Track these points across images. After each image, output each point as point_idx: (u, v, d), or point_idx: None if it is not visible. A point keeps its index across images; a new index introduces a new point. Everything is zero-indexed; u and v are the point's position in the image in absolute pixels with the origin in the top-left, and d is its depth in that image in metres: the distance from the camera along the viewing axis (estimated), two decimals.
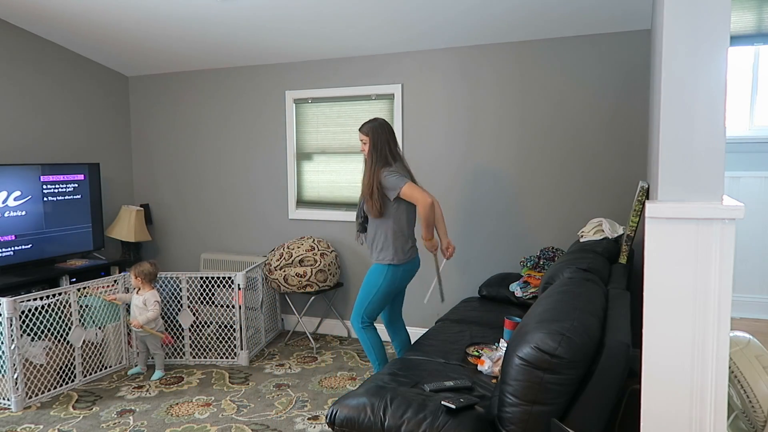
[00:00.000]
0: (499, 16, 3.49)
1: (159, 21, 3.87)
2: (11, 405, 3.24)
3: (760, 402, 1.98)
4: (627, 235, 2.80)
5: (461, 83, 3.99)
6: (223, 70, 4.74)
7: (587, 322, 1.82)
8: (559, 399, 1.73)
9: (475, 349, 2.80)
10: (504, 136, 3.91)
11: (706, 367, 1.49)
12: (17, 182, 3.98)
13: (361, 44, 4.06)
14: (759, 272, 4.29)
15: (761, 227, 4.26)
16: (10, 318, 3.19)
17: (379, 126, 3.09)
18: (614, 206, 3.66)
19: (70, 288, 3.54)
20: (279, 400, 3.33)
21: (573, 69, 3.71)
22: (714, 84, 1.48)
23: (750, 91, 4.33)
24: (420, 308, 4.23)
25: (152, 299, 3.68)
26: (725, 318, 1.49)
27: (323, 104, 4.41)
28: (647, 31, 3.50)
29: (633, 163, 3.62)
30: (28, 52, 4.27)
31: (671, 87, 1.51)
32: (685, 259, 1.50)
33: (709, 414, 1.50)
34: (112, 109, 4.99)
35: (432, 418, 1.93)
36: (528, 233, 3.92)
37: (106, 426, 3.05)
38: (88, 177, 4.46)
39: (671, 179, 1.53)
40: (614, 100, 3.63)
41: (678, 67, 1.50)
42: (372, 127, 3.09)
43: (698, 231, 1.48)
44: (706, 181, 1.51)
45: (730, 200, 1.55)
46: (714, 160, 1.50)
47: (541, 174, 3.84)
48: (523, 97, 3.85)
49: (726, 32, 1.46)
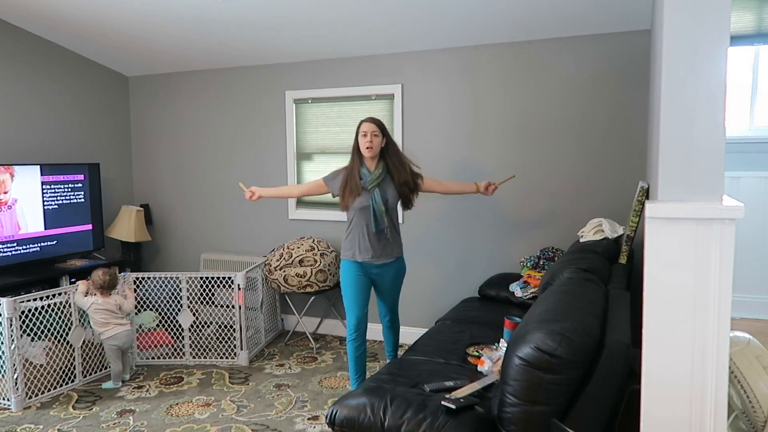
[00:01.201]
0: (498, 16, 3.49)
1: (159, 21, 3.87)
2: (11, 405, 3.24)
3: (760, 402, 1.98)
4: (627, 235, 2.80)
5: (461, 83, 3.99)
6: (223, 70, 4.74)
7: (587, 322, 1.82)
8: (559, 399, 1.73)
9: (475, 349, 2.80)
10: (504, 137, 3.91)
11: (706, 367, 1.49)
12: (17, 182, 3.98)
13: (361, 44, 4.06)
14: (759, 272, 4.29)
15: (761, 227, 4.26)
16: (10, 318, 3.18)
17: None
18: (614, 206, 3.66)
19: (70, 288, 3.54)
20: (279, 401, 3.32)
21: (573, 69, 3.71)
22: (714, 84, 1.48)
23: (750, 91, 4.32)
24: (420, 308, 4.23)
25: (128, 303, 3.69)
26: (725, 318, 1.49)
27: (323, 104, 4.41)
28: (647, 31, 3.50)
29: (633, 163, 3.62)
30: (28, 52, 4.27)
31: (671, 87, 1.51)
32: (685, 259, 1.50)
33: (709, 414, 1.49)
34: (112, 109, 4.99)
35: (432, 418, 1.93)
36: (528, 233, 3.92)
37: (106, 426, 3.04)
38: (88, 177, 4.46)
39: (671, 179, 1.53)
40: (614, 100, 3.63)
41: (678, 67, 1.50)
42: (381, 122, 3.16)
43: (698, 231, 1.48)
44: (706, 181, 1.51)
45: (730, 200, 1.55)
46: (714, 160, 1.50)
47: (541, 174, 3.84)
48: (523, 98, 3.85)
49: (726, 32, 1.46)
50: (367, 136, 3.08)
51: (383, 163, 3.14)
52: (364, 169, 3.13)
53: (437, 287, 4.20)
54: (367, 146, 3.08)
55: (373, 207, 3.09)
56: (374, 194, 3.09)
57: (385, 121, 4.21)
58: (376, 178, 3.10)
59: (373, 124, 3.11)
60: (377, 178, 3.10)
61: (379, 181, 3.10)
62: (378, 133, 3.10)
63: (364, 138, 3.09)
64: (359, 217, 3.13)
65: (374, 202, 3.09)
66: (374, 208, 3.09)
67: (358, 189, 3.09)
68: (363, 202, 3.10)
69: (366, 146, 3.08)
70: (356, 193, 3.09)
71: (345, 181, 3.14)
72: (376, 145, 3.09)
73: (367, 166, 3.14)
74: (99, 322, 3.53)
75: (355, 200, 3.10)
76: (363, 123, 3.13)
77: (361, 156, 3.14)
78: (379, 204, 3.09)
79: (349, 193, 3.11)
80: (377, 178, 3.10)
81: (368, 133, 3.09)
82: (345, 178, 3.15)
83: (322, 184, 3.26)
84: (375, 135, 3.09)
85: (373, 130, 3.09)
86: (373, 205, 3.09)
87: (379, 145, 3.11)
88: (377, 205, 3.09)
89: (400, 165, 3.16)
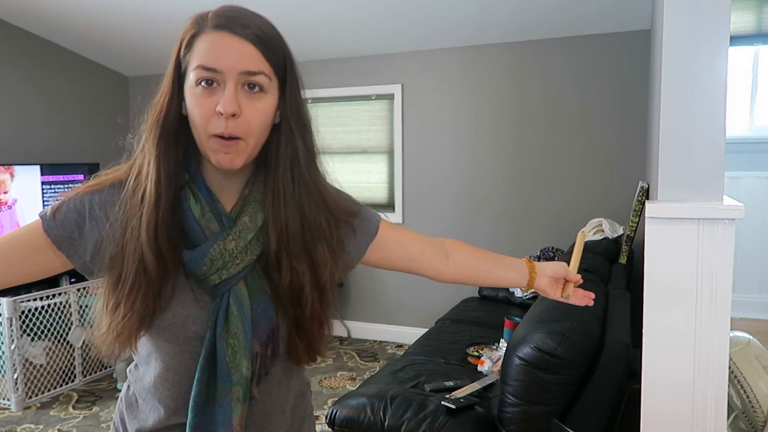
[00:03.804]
0: (498, 16, 3.49)
1: (159, 21, 3.87)
2: (11, 405, 3.24)
3: (760, 402, 1.98)
4: (627, 235, 2.80)
5: (461, 83, 3.99)
6: None
7: (587, 322, 1.82)
8: (559, 399, 1.73)
9: (475, 349, 2.80)
10: (504, 136, 3.91)
11: (706, 367, 1.49)
12: (17, 182, 3.98)
13: (361, 44, 4.06)
14: (759, 272, 4.29)
15: (761, 227, 4.26)
16: (10, 318, 3.19)
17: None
18: (614, 206, 3.66)
19: (70, 288, 3.54)
20: None
21: (573, 69, 3.71)
22: (714, 84, 1.48)
23: (750, 91, 4.33)
24: (420, 308, 4.23)
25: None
26: (725, 318, 1.49)
27: (323, 104, 4.41)
28: (647, 31, 3.50)
29: (633, 163, 3.61)
30: (28, 52, 4.27)
31: (671, 87, 1.51)
32: (685, 259, 1.50)
33: (709, 414, 1.49)
34: (112, 109, 4.99)
35: (432, 418, 1.93)
36: (528, 233, 3.91)
37: (106, 426, 3.04)
38: (88, 177, 4.45)
39: (671, 179, 1.53)
40: (614, 100, 3.63)
41: (678, 67, 1.50)
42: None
43: (698, 231, 1.48)
44: (706, 181, 1.51)
45: (730, 200, 1.55)
46: (714, 160, 1.50)
47: (540, 174, 3.84)
48: (523, 98, 3.84)
49: (726, 32, 1.46)
50: None
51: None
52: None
53: (437, 287, 4.19)
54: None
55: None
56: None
57: (385, 121, 4.22)
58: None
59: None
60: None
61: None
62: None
63: None
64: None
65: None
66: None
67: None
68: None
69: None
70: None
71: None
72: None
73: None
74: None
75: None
76: None
77: None
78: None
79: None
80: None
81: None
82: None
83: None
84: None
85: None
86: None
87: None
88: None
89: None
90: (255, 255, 0.91)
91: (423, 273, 1.15)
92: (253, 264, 0.92)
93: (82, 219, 0.93)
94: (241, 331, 0.90)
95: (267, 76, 0.89)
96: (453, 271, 1.17)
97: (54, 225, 0.92)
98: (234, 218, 0.92)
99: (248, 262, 0.91)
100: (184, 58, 0.91)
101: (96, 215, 0.93)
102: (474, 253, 1.22)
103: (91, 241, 0.92)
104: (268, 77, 0.89)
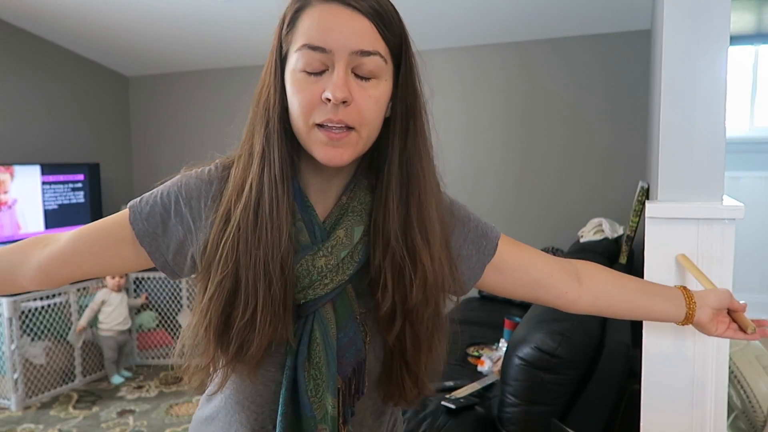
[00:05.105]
0: (498, 16, 3.49)
1: (159, 21, 3.86)
2: (11, 405, 3.24)
3: (760, 402, 1.98)
4: (627, 235, 2.80)
5: (460, 83, 3.99)
6: (223, 70, 4.73)
7: (587, 322, 1.82)
8: (559, 399, 1.73)
9: (475, 349, 2.80)
10: (503, 136, 3.91)
11: (706, 367, 1.49)
12: (17, 182, 3.98)
13: None
14: (759, 272, 4.29)
15: (761, 227, 4.26)
16: (10, 318, 3.19)
17: None
18: (614, 206, 3.66)
19: (70, 288, 3.54)
20: None
21: (573, 69, 3.71)
22: (714, 84, 1.48)
23: (750, 91, 4.32)
24: None
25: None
26: None
27: None
28: (647, 31, 3.50)
29: (633, 163, 3.61)
30: (27, 52, 4.27)
31: (671, 87, 1.51)
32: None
33: (709, 414, 1.49)
34: (112, 109, 4.99)
35: (432, 418, 1.93)
36: (528, 233, 3.91)
37: (106, 426, 3.04)
38: (88, 177, 4.45)
39: (671, 179, 1.53)
40: (614, 100, 3.63)
41: (678, 67, 1.50)
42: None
43: (698, 231, 1.48)
44: (706, 181, 1.51)
45: (730, 200, 1.55)
46: (714, 160, 1.50)
47: (540, 174, 3.84)
48: (523, 98, 3.84)
49: (726, 32, 1.46)
50: None
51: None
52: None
53: None
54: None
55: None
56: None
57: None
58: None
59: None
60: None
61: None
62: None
63: None
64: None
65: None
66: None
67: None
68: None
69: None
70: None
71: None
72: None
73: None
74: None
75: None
76: None
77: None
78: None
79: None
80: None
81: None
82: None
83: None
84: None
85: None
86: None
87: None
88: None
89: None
90: (347, 275, 0.78)
91: (550, 302, 0.97)
92: (344, 285, 0.79)
93: (167, 213, 0.84)
94: (323, 361, 0.77)
95: (382, 58, 0.77)
96: (588, 300, 0.97)
97: (140, 217, 0.84)
98: (328, 230, 0.79)
99: (339, 283, 0.78)
100: (286, 38, 0.80)
101: (181, 211, 0.83)
102: (613, 278, 0.99)
103: (175, 239, 0.83)
104: (384, 59, 0.77)
